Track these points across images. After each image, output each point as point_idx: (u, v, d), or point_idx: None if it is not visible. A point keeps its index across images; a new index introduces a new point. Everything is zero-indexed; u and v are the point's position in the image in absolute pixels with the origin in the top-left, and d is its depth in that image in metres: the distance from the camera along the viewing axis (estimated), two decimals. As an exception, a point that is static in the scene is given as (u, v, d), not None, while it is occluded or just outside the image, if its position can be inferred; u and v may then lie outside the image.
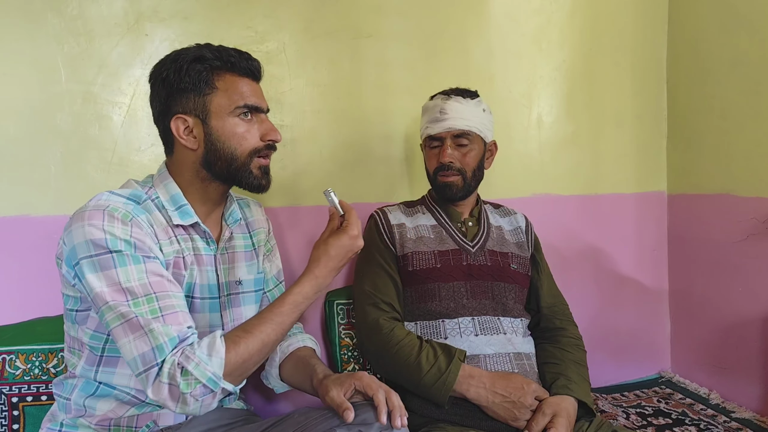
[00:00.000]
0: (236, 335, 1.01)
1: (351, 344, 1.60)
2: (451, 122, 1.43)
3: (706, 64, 1.89)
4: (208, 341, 0.98)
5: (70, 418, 1.11)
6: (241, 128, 1.11)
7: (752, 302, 1.75)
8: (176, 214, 1.12)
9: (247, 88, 1.12)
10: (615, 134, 2.02)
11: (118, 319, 0.96)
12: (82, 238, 0.99)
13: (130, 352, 0.95)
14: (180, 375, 0.93)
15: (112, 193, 1.07)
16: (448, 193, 1.46)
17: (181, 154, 1.13)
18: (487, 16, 1.86)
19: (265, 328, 1.03)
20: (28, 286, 1.45)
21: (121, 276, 0.97)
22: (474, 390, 1.26)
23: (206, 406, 0.97)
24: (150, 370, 0.94)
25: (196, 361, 0.94)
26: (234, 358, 0.98)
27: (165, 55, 1.12)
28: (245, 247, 1.27)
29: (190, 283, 1.13)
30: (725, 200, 1.84)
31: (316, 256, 1.12)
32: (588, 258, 2.00)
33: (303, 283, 1.09)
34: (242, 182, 1.14)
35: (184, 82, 1.07)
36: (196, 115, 1.09)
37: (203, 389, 0.94)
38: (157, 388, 0.93)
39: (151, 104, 1.14)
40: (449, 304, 1.39)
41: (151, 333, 0.95)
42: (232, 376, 0.98)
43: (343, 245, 1.12)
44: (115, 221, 1.01)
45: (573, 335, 1.47)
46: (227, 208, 1.24)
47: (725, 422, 1.65)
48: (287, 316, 1.06)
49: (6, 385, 1.33)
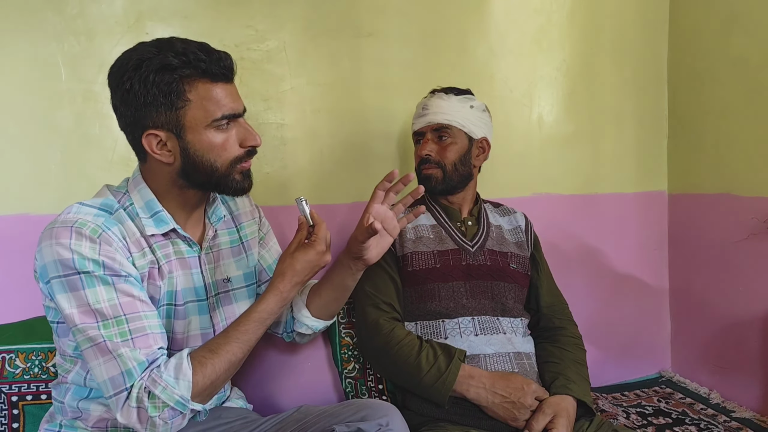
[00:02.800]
0: (202, 356, 1.01)
1: (351, 344, 1.59)
2: (431, 116, 1.46)
3: (707, 63, 1.89)
4: (174, 363, 0.98)
5: (68, 420, 1.11)
6: (218, 139, 1.04)
7: (753, 302, 1.75)
8: (151, 222, 1.07)
9: (222, 95, 1.03)
10: (615, 134, 2.02)
11: (88, 342, 0.96)
12: (51, 257, 0.97)
13: (101, 374, 0.96)
14: (147, 399, 0.94)
15: (82, 204, 1.03)
16: (428, 185, 1.47)
17: (155, 164, 1.07)
18: (488, 15, 1.86)
19: (230, 348, 1.03)
20: (27, 284, 1.43)
21: (90, 297, 0.96)
22: (474, 390, 1.26)
23: (176, 427, 0.98)
24: (119, 394, 0.95)
25: (163, 385, 0.95)
26: (201, 380, 0.98)
27: (121, 57, 1.02)
28: (231, 243, 1.24)
29: (170, 291, 1.11)
30: (726, 200, 1.84)
31: (281, 270, 1.10)
32: (588, 258, 2.00)
33: (268, 300, 1.08)
34: (224, 189, 1.09)
35: (152, 94, 0.98)
36: (169, 129, 1.01)
37: (172, 412, 0.96)
38: (126, 412, 0.95)
39: (115, 111, 1.05)
40: (449, 304, 1.39)
41: (120, 357, 0.95)
42: (200, 396, 0.99)
43: (309, 260, 1.09)
44: (83, 239, 0.97)
45: (573, 334, 1.47)
46: (210, 206, 1.20)
47: (725, 422, 1.65)
48: (252, 334, 1.06)
49: (6, 384, 1.33)
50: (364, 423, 1.03)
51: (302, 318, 1.29)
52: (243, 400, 1.32)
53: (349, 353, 1.59)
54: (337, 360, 1.59)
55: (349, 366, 1.59)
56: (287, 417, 1.16)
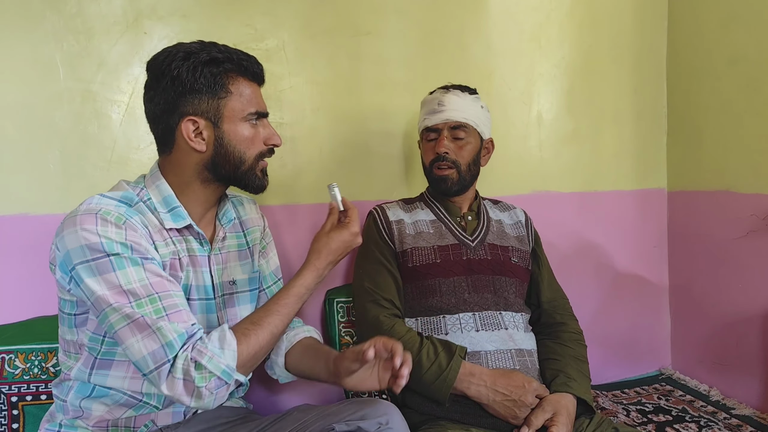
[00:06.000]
0: (245, 328, 1.03)
1: (351, 342, 1.59)
2: (448, 113, 1.44)
3: (706, 60, 1.89)
4: (218, 335, 0.99)
5: (68, 419, 1.11)
6: (249, 133, 1.12)
7: (752, 299, 1.75)
8: (168, 217, 1.10)
9: (256, 93, 1.13)
10: (615, 131, 2.02)
11: (124, 320, 0.96)
12: (76, 243, 0.97)
13: (139, 351, 0.95)
14: (194, 369, 0.94)
15: (102, 196, 1.05)
16: (443, 186, 1.46)
17: (183, 154, 1.10)
18: (486, 13, 1.86)
19: (272, 319, 1.06)
20: (27, 285, 1.45)
21: (121, 279, 0.97)
22: (474, 388, 1.26)
23: (220, 398, 0.98)
24: (161, 367, 0.94)
25: (209, 354, 0.96)
26: (246, 350, 1.00)
27: (165, 50, 1.08)
28: (238, 246, 1.26)
29: (186, 285, 1.13)
30: (725, 197, 1.84)
31: (317, 248, 1.15)
32: (588, 255, 2.00)
33: (305, 275, 1.12)
34: (247, 184, 1.15)
35: (199, 83, 1.06)
36: (208, 117, 1.08)
37: (218, 382, 0.96)
38: (171, 384, 0.94)
39: (151, 100, 1.10)
40: (450, 300, 1.38)
41: (159, 331, 0.95)
42: (244, 367, 1.01)
43: (344, 240, 1.15)
44: (109, 225, 0.99)
45: (574, 330, 1.47)
46: (221, 208, 1.24)
47: (725, 419, 1.65)
48: (292, 308, 1.10)
49: (5, 385, 1.33)
50: (364, 422, 1.03)
51: (275, 364, 1.28)
52: (243, 400, 1.32)
53: (349, 352, 1.59)
54: (337, 359, 1.59)
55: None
56: (287, 416, 1.16)
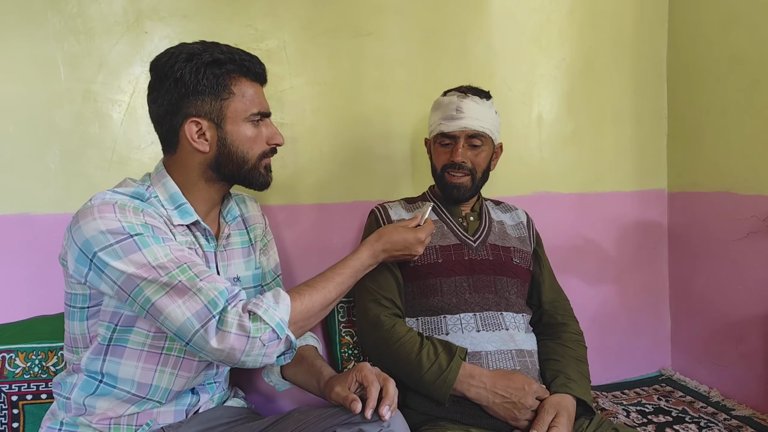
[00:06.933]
0: (300, 289, 1.07)
1: (351, 342, 1.60)
2: (467, 122, 1.41)
3: (707, 61, 1.89)
4: (272, 292, 1.02)
5: (70, 417, 1.11)
6: (252, 133, 1.13)
7: (752, 300, 1.75)
8: (176, 213, 1.11)
9: (258, 94, 1.14)
10: (615, 132, 2.02)
11: (162, 290, 0.96)
12: (95, 230, 0.98)
13: (182, 314, 0.95)
14: (249, 320, 0.95)
15: (114, 191, 1.06)
16: (455, 194, 1.45)
17: (187, 154, 1.12)
18: (487, 14, 1.86)
19: (327, 285, 1.09)
20: (27, 284, 1.45)
21: (148, 256, 0.98)
22: (474, 390, 1.25)
23: (270, 352, 0.98)
24: (208, 323, 0.94)
25: (264, 306, 0.97)
26: (300, 307, 1.03)
27: (168, 51, 1.09)
28: (242, 243, 1.27)
29: None
30: (725, 198, 1.84)
31: (381, 231, 1.22)
32: (588, 256, 2.00)
33: (361, 252, 1.20)
34: (251, 182, 1.17)
35: (202, 84, 1.07)
36: (211, 119, 1.09)
37: (271, 334, 0.97)
38: (222, 338, 0.94)
39: (155, 101, 1.11)
40: (451, 300, 1.38)
41: (200, 292, 0.96)
42: (295, 325, 1.02)
43: (406, 239, 1.23)
44: (127, 212, 1.01)
45: (574, 331, 1.47)
46: (225, 206, 1.25)
47: (725, 420, 1.65)
48: (347, 279, 1.15)
49: (6, 384, 1.33)
50: (365, 424, 1.03)
51: (271, 372, 1.30)
52: (243, 400, 1.32)
53: (349, 352, 1.60)
54: (337, 358, 1.59)
55: (349, 365, 1.59)
56: (288, 417, 1.16)
